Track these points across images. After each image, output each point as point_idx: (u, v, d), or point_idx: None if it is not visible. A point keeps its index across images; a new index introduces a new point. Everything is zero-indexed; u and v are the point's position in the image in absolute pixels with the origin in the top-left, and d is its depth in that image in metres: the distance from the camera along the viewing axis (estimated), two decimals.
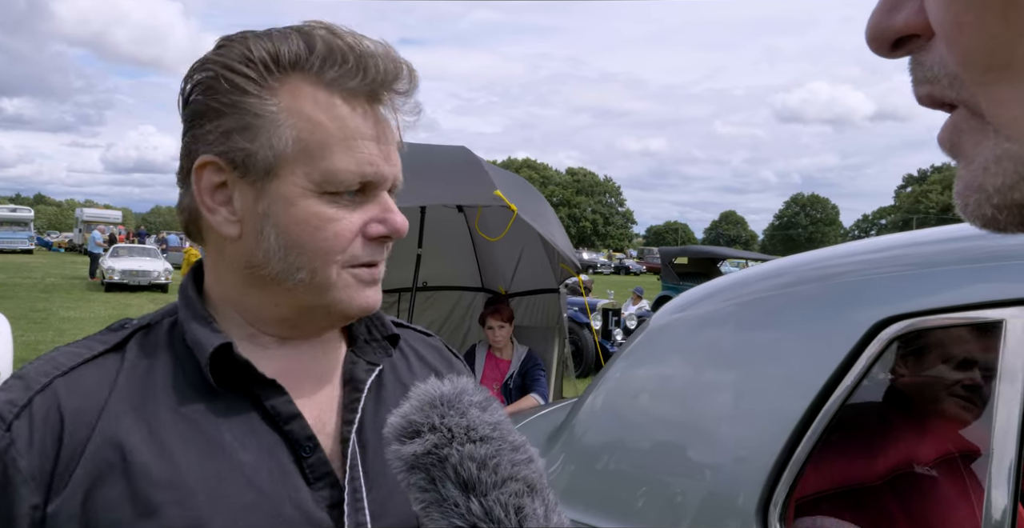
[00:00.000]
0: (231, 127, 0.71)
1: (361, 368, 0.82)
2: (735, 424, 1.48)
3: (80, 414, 0.68)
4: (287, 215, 0.71)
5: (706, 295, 1.73)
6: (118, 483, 0.66)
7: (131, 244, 24.67)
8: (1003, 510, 1.05)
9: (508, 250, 5.17)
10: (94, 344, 0.76)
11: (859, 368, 1.21)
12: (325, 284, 0.74)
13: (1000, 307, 1.08)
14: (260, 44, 0.72)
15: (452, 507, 0.55)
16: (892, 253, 1.35)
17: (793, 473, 1.28)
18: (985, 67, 0.30)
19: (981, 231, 1.03)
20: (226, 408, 0.73)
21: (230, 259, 0.76)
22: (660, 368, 1.73)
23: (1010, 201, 0.31)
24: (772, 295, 1.55)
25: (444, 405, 0.58)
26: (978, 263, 1.15)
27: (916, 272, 1.22)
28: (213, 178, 0.73)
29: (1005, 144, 0.30)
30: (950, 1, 0.30)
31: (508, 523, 0.54)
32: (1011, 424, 1.05)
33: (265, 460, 0.72)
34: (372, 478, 0.76)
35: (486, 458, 0.56)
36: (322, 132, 0.71)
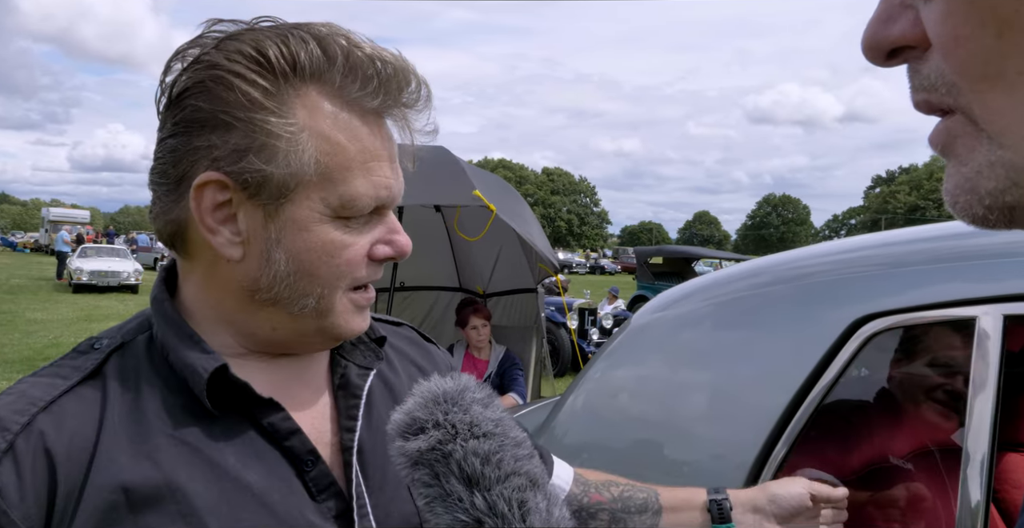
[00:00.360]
0: (244, 146, 0.65)
1: (354, 373, 0.79)
2: (713, 423, 1.51)
3: (72, 456, 0.63)
4: (300, 241, 0.67)
5: (684, 295, 1.75)
6: (126, 524, 0.62)
7: (100, 244, 24.19)
8: (976, 504, 1.09)
9: (486, 250, 5.18)
10: (66, 371, 0.69)
11: (838, 365, 1.24)
12: (327, 309, 0.71)
13: (972, 305, 1.11)
14: (274, 47, 0.65)
15: (456, 502, 0.56)
16: (867, 253, 1.39)
17: (772, 470, 1.31)
18: (980, 77, 0.31)
19: (951, 231, 1.07)
20: (224, 430, 0.69)
21: (225, 279, 0.70)
22: (639, 368, 1.75)
23: (1001, 203, 0.33)
24: (749, 295, 1.58)
25: (447, 402, 0.59)
26: (951, 262, 1.19)
27: (891, 271, 1.26)
28: (217, 197, 0.66)
29: (999, 151, 0.32)
30: (947, 16, 0.32)
31: (512, 517, 0.55)
32: (984, 418, 1.08)
33: (271, 479, 0.69)
34: (372, 483, 0.75)
35: (490, 454, 0.57)
36: (342, 155, 0.66)
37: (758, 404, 1.42)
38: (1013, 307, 1.08)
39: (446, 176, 4.06)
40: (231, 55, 0.65)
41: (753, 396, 1.46)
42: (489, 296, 5.33)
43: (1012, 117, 0.31)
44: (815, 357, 1.27)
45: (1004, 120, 0.31)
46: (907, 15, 0.35)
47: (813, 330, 1.32)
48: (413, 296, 5.54)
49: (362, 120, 0.68)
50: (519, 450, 0.59)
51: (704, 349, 1.62)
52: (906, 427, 1.54)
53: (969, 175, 0.33)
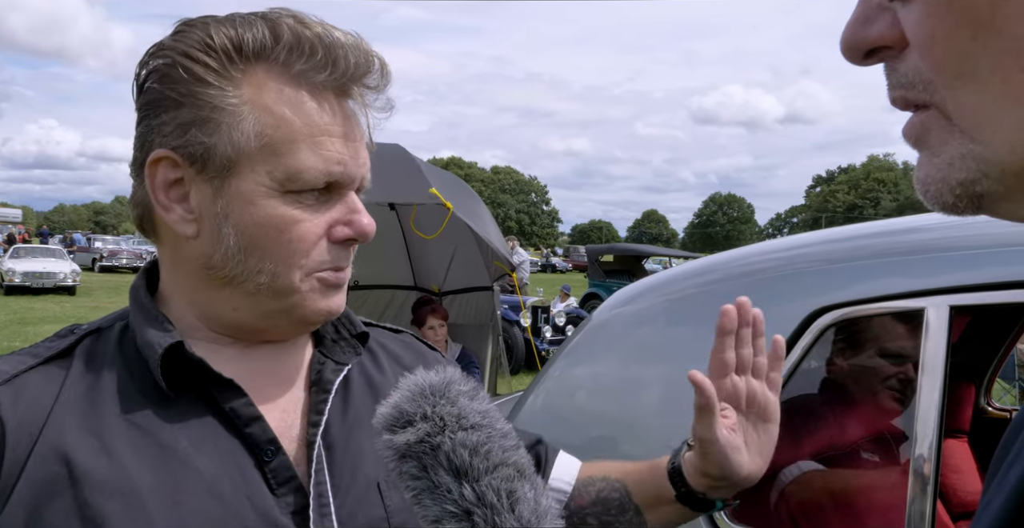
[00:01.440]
0: (189, 119, 0.67)
1: (329, 369, 0.78)
2: (667, 417, 1.55)
3: (22, 425, 0.64)
4: (247, 215, 0.67)
5: (639, 293, 1.79)
6: (65, 496, 0.62)
7: (33, 244, 23.19)
8: (925, 487, 1.14)
9: (441, 248, 5.16)
10: (40, 351, 0.71)
11: (795, 357, 1.29)
12: (287, 289, 0.70)
13: (921, 296, 1.17)
14: (222, 30, 0.67)
15: (445, 493, 0.56)
16: (817, 249, 1.44)
17: None
18: (955, 74, 0.34)
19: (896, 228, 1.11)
20: (180, 413, 0.68)
21: (186, 259, 0.71)
22: (596, 365, 1.78)
23: (971, 192, 0.35)
24: (700, 292, 1.63)
25: (434, 395, 0.59)
26: (901, 256, 1.25)
27: (844, 265, 1.31)
28: (168, 174, 0.68)
29: (970, 144, 0.34)
30: (926, 17, 0.34)
31: (501, 507, 0.56)
32: (931, 405, 1.14)
33: (225, 466, 0.68)
34: (339, 482, 0.73)
35: (478, 445, 0.57)
36: (287, 128, 0.67)
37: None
38: (958, 298, 1.13)
39: (401, 174, 4.03)
40: (182, 40, 0.68)
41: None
42: (444, 294, 5.32)
43: (984, 113, 0.33)
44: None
45: (976, 116, 0.33)
46: (884, 17, 0.37)
47: (768, 323, 1.36)
48: (368, 295, 5.49)
49: (311, 95, 0.68)
50: (506, 441, 0.59)
51: (658, 345, 1.66)
52: (856, 415, 1.60)
53: (941, 166, 0.36)
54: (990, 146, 0.33)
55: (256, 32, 0.67)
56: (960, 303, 1.14)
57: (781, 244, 1.64)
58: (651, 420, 1.57)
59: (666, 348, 1.64)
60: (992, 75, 0.32)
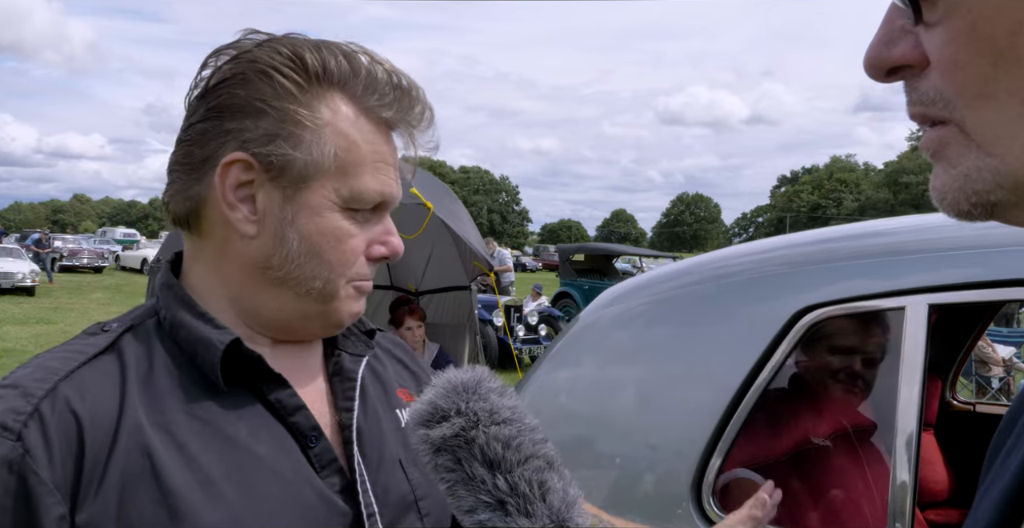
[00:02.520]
0: (275, 131, 0.72)
1: (347, 360, 0.84)
2: (650, 415, 1.60)
3: (97, 419, 0.67)
4: (312, 224, 0.74)
5: (620, 295, 1.84)
6: (149, 488, 0.65)
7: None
8: (907, 477, 1.20)
9: (419, 248, 5.17)
10: (81, 347, 0.72)
11: (780, 354, 1.34)
12: (332, 294, 0.76)
13: (901, 295, 1.23)
14: (309, 52, 0.73)
15: (479, 484, 0.60)
16: (794, 251, 1.50)
17: (722, 455, 1.40)
18: (975, 96, 0.37)
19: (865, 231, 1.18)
20: (234, 404, 0.73)
21: (236, 256, 0.75)
22: (580, 368, 1.83)
23: (985, 201, 0.39)
24: (678, 293, 1.68)
25: (467, 391, 0.62)
26: (879, 257, 1.31)
27: (828, 266, 1.37)
28: (241, 175, 0.73)
29: (987, 158, 0.38)
30: (948, 43, 0.38)
31: (533, 496, 0.59)
32: (912, 399, 1.20)
33: (281, 452, 0.73)
34: (370, 462, 0.79)
35: (510, 438, 0.61)
36: (357, 153, 0.74)
37: (694, 395, 1.52)
38: (935, 297, 1.20)
39: None
40: (271, 53, 0.73)
41: (688, 388, 1.55)
42: (421, 294, 5.33)
43: (1001, 131, 0.37)
44: (759, 346, 1.37)
45: (993, 133, 0.37)
46: (907, 39, 0.40)
47: (744, 323, 1.42)
48: None
49: (375, 127, 0.76)
50: (535, 434, 0.63)
51: (637, 346, 1.72)
52: (829, 410, 1.66)
53: (958, 177, 0.40)
54: (1005, 160, 0.37)
55: (339, 61, 0.74)
56: (937, 301, 1.20)
57: (755, 247, 1.70)
58: (630, 419, 1.62)
59: (645, 349, 1.69)
60: (1010, 98, 0.36)
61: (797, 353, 1.42)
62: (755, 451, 1.61)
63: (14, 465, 0.62)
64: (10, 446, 0.62)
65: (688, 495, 1.39)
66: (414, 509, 0.80)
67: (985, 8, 0.35)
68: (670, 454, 1.52)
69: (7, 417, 0.64)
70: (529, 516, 0.59)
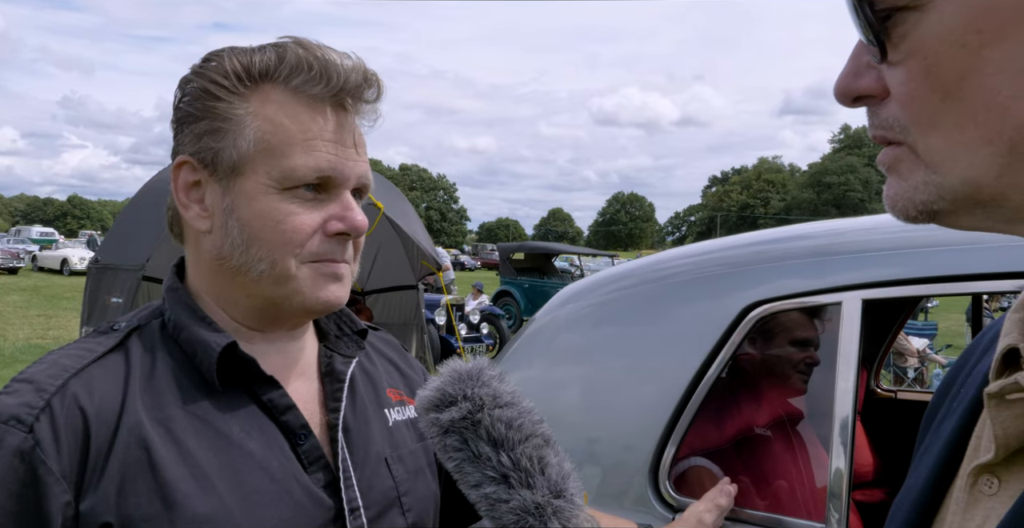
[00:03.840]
0: (204, 130, 0.78)
1: (338, 361, 0.88)
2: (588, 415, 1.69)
3: (101, 414, 0.71)
4: (249, 209, 0.77)
5: (568, 298, 1.92)
6: (146, 479, 0.70)
7: None
8: (843, 464, 1.32)
9: (364, 248, 5.14)
10: (91, 345, 0.78)
11: (730, 347, 1.45)
12: (285, 276, 0.78)
13: (839, 292, 1.35)
14: (236, 58, 0.79)
15: (485, 461, 0.66)
16: (754, 249, 1.61)
17: (676, 443, 1.50)
18: (926, 125, 0.45)
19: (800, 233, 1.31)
20: (228, 404, 0.77)
21: (204, 253, 0.81)
22: (530, 370, 1.90)
23: (929, 209, 0.47)
24: (620, 295, 1.78)
25: (471, 378, 0.69)
26: (819, 257, 1.43)
27: (771, 266, 1.48)
28: (188, 177, 0.80)
29: (932, 175, 0.46)
30: (907, 80, 0.46)
31: (533, 470, 0.66)
32: (847, 389, 1.32)
33: (270, 448, 0.77)
34: (356, 459, 0.84)
35: (512, 419, 0.67)
36: (284, 133, 0.77)
37: (646, 389, 1.61)
38: (870, 293, 1.32)
39: None
40: (204, 67, 0.81)
41: (639, 382, 1.64)
42: (367, 293, 5.32)
43: (945, 154, 0.45)
44: (709, 340, 1.47)
45: (940, 156, 0.46)
46: (872, 73, 0.48)
47: (706, 316, 1.52)
48: None
49: (308, 106, 0.78)
50: (533, 416, 0.70)
51: (582, 347, 1.81)
52: (768, 400, 1.79)
53: (908, 188, 0.48)
54: (947, 178, 0.45)
55: (264, 56, 0.79)
56: (870, 297, 1.32)
57: (694, 249, 1.82)
58: (574, 418, 1.71)
59: (589, 350, 1.78)
60: (954, 128, 0.44)
61: (745, 346, 1.53)
62: (706, 438, 1.72)
63: (25, 455, 0.67)
64: (23, 437, 0.67)
65: (647, 482, 1.48)
66: (397, 505, 0.85)
67: (939, 55, 0.43)
68: (621, 448, 1.61)
69: (21, 410, 0.68)
70: (530, 488, 0.66)
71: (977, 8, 0.41)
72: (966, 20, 0.42)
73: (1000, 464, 0.49)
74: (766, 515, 1.41)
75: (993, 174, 0.43)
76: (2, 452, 0.67)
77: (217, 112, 0.78)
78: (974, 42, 0.42)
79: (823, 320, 1.50)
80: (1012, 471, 0.48)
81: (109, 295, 4.83)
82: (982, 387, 0.53)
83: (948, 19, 0.42)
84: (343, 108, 0.80)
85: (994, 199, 0.45)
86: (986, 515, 0.49)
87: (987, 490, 0.50)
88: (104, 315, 4.99)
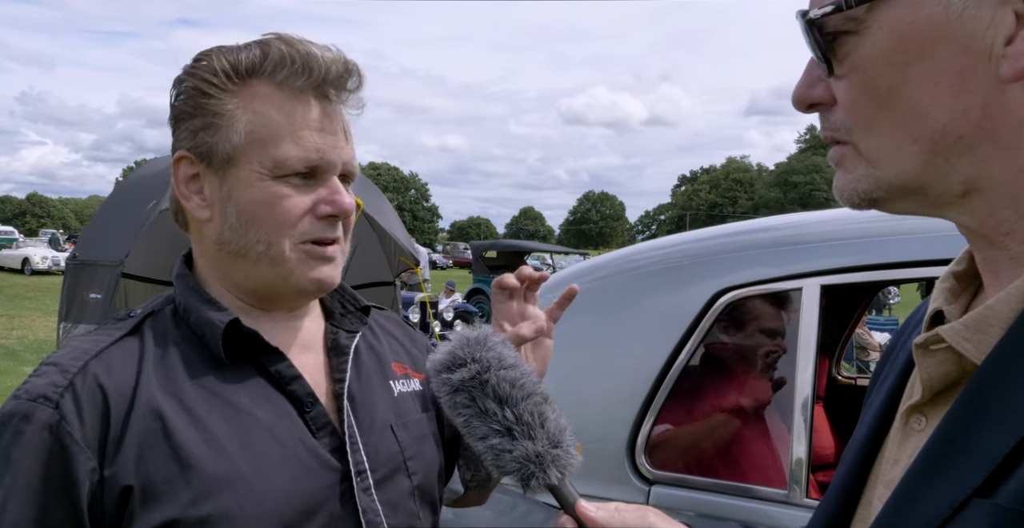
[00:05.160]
0: (198, 126, 0.84)
1: (343, 336, 0.96)
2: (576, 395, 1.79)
3: (119, 390, 0.79)
4: (244, 196, 0.84)
5: (544, 292, 2.01)
6: (162, 445, 0.77)
7: None
8: (803, 446, 1.43)
9: None
10: (110, 331, 0.86)
11: (701, 330, 1.56)
12: (279, 257, 0.84)
13: (799, 278, 1.46)
14: (224, 56, 0.85)
15: (492, 416, 0.75)
16: (721, 240, 1.72)
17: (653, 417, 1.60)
18: (865, 128, 0.56)
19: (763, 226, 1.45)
20: (236, 376, 0.84)
21: (207, 240, 0.88)
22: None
23: (869, 198, 0.57)
24: (591, 287, 1.89)
25: (478, 343, 0.77)
26: (781, 246, 1.54)
27: (736, 255, 1.60)
28: (187, 170, 0.86)
29: (871, 170, 0.56)
30: (848, 91, 0.56)
31: (534, 424, 0.75)
32: (807, 372, 1.43)
33: (278, 416, 0.84)
34: (363, 425, 0.91)
35: (515, 380, 0.76)
36: (272, 125, 0.83)
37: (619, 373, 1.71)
38: (826, 279, 1.44)
39: None
40: (194, 67, 0.86)
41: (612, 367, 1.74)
42: None
43: (882, 152, 0.55)
44: (681, 324, 1.58)
45: (877, 154, 0.56)
46: (822, 85, 0.58)
47: (677, 302, 1.63)
48: None
49: (293, 98, 0.84)
50: (533, 376, 0.78)
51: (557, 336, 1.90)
52: (735, 384, 1.90)
53: (852, 180, 0.58)
54: (884, 171, 0.56)
55: (250, 53, 0.85)
56: (828, 283, 1.44)
57: (661, 243, 1.93)
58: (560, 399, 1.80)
59: (559, 340, 1.87)
60: (887, 130, 0.54)
61: (715, 332, 1.64)
62: (679, 415, 1.83)
63: (52, 428, 0.75)
64: (50, 413, 0.75)
65: (624, 456, 1.59)
66: (403, 468, 0.92)
67: (874, 71, 0.53)
68: (601, 427, 1.70)
69: (48, 389, 0.77)
70: (532, 439, 0.74)
71: (901, 34, 0.52)
72: (893, 43, 0.52)
73: (927, 404, 0.59)
74: (735, 484, 1.52)
75: (918, 167, 0.54)
76: (33, 426, 0.75)
77: (209, 108, 0.84)
78: (900, 61, 0.52)
79: (788, 311, 1.61)
80: (936, 410, 0.58)
81: (88, 291, 4.82)
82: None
83: (880, 42, 0.53)
84: (327, 98, 0.87)
85: (921, 188, 0.55)
86: (916, 446, 0.58)
87: (917, 426, 0.59)
88: (83, 311, 4.99)
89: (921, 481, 0.53)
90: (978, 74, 0.50)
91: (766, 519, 1.42)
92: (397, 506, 0.90)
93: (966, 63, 0.50)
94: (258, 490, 0.79)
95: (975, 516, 0.48)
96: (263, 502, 0.79)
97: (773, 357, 1.69)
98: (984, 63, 0.50)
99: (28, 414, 0.75)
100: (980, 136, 0.51)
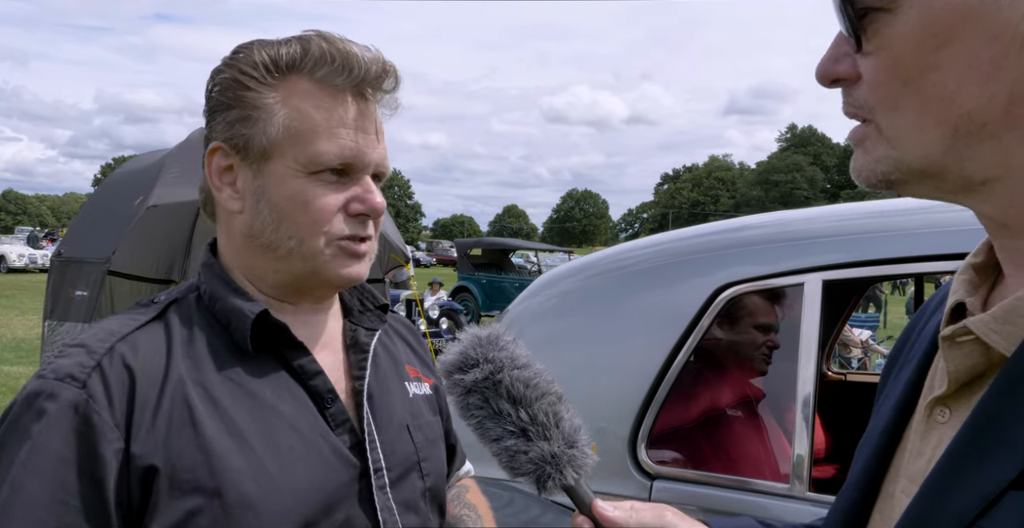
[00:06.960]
0: (235, 118, 0.84)
1: (362, 334, 0.96)
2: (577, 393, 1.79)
3: (147, 371, 0.79)
4: (278, 191, 0.84)
5: (535, 290, 2.02)
6: (188, 434, 0.77)
7: None
8: (808, 437, 1.44)
9: None
10: (136, 315, 0.85)
11: (703, 324, 1.56)
12: (312, 253, 0.85)
13: (799, 274, 1.47)
14: (264, 50, 0.85)
15: (506, 417, 0.74)
16: (720, 237, 1.73)
17: (654, 414, 1.60)
18: (890, 107, 0.55)
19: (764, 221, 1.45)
20: (260, 368, 0.84)
21: (236, 231, 0.88)
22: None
23: (887, 179, 0.57)
24: (580, 286, 1.89)
25: (490, 343, 0.77)
26: (782, 242, 1.55)
27: (739, 250, 1.60)
28: (221, 161, 0.86)
29: (892, 151, 0.56)
30: (876, 68, 0.55)
31: (548, 424, 0.74)
32: (810, 365, 1.44)
33: (301, 410, 0.84)
34: (380, 424, 0.91)
35: (528, 379, 0.75)
36: (309, 121, 0.83)
37: (619, 370, 1.71)
38: (828, 274, 1.45)
39: None
40: (234, 59, 0.87)
41: (612, 363, 1.74)
42: None
43: (904, 133, 0.55)
44: (684, 318, 1.59)
45: (898, 133, 0.55)
46: (848, 60, 0.58)
47: (680, 296, 1.63)
48: None
49: (331, 96, 0.85)
50: (547, 375, 0.78)
51: (546, 337, 1.90)
52: (731, 381, 1.91)
53: (871, 161, 0.57)
54: (904, 153, 0.55)
55: (290, 49, 0.85)
56: (829, 278, 1.45)
57: (656, 240, 1.94)
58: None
59: (551, 340, 1.88)
60: (912, 111, 0.54)
61: (714, 328, 1.65)
62: (681, 410, 1.83)
63: (80, 407, 0.74)
64: (77, 392, 0.75)
65: (626, 452, 1.59)
66: (417, 469, 0.92)
67: (903, 51, 0.53)
68: (603, 421, 1.71)
69: (75, 369, 0.76)
70: (547, 440, 0.74)
71: (934, 16, 0.51)
72: (925, 25, 0.52)
73: (951, 396, 0.58)
74: (737, 479, 1.52)
75: (940, 151, 0.53)
76: (59, 405, 0.74)
77: (247, 101, 0.84)
78: (930, 43, 0.52)
79: (783, 306, 1.63)
80: (961, 402, 0.58)
81: (73, 288, 4.72)
82: (935, 338, 0.62)
83: (912, 22, 0.52)
84: (364, 97, 0.87)
85: (940, 172, 0.54)
86: (940, 439, 0.58)
87: (940, 419, 0.59)
88: (68, 308, 4.89)
89: (952, 474, 0.52)
90: (1008, 62, 0.49)
91: (768, 513, 1.42)
92: (410, 506, 0.90)
93: (997, 50, 0.49)
94: (280, 484, 0.79)
95: (1010, 509, 0.47)
96: (285, 496, 0.78)
97: (774, 352, 1.70)
98: (1015, 52, 0.49)
99: (54, 393, 0.74)
100: (1005, 125, 0.51)
